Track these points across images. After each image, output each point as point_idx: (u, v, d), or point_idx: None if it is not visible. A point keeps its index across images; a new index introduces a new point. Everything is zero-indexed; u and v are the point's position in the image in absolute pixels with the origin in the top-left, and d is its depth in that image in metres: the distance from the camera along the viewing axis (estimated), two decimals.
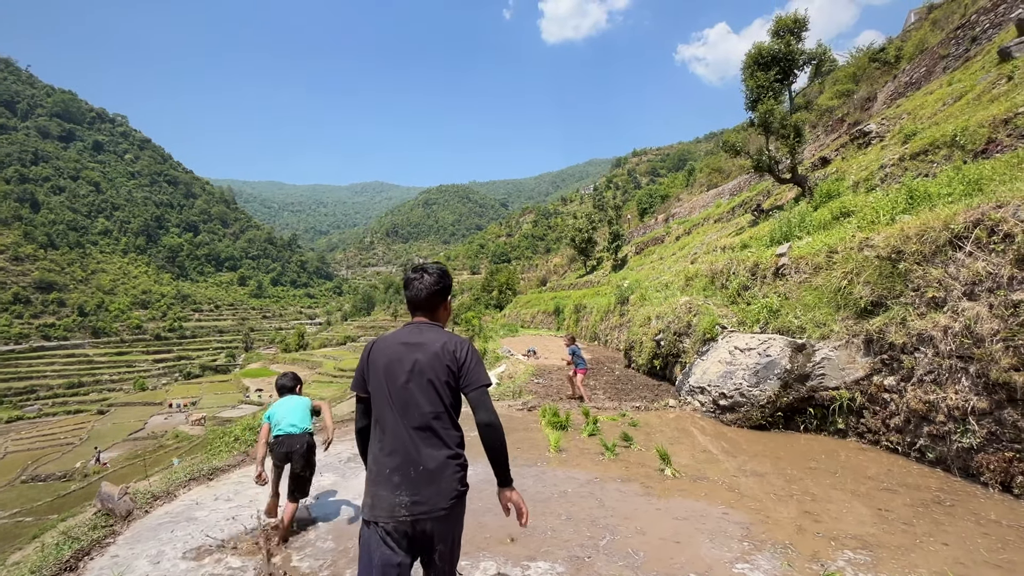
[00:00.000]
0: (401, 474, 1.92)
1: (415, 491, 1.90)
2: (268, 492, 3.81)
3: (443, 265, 2.28)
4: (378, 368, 2.06)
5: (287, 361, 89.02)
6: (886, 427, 5.37)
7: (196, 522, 3.79)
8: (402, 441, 1.96)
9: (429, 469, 1.93)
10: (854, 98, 31.64)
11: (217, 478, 4.76)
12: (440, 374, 2.00)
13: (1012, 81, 12.15)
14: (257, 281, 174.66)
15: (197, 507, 4.10)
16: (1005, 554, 3.12)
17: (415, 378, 2.00)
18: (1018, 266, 4.12)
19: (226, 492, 4.45)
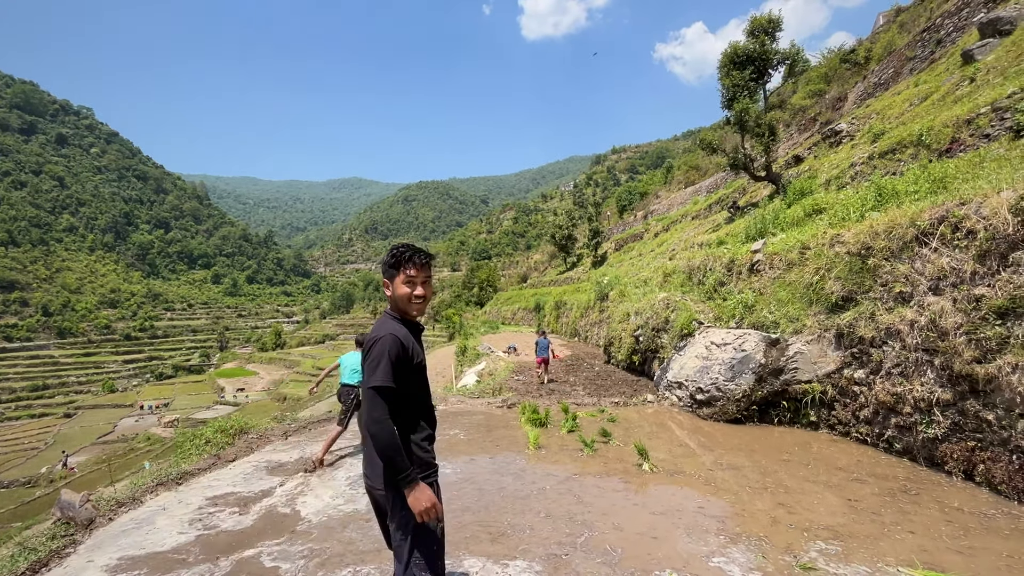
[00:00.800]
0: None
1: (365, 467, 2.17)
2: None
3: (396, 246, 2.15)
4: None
5: (264, 360, 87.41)
6: (856, 419, 5.51)
7: (158, 531, 3.66)
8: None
9: (368, 452, 2.14)
10: (826, 98, 32.41)
11: (186, 482, 4.61)
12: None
13: (974, 83, 12.56)
14: (232, 279, 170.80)
15: (163, 513, 3.96)
16: (966, 541, 3.22)
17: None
18: (980, 261, 4.25)
19: (195, 498, 4.32)
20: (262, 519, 3.88)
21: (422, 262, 2.11)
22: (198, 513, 3.99)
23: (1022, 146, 7.60)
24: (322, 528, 3.69)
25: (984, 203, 4.35)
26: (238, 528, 3.74)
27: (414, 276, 2.09)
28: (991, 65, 12.69)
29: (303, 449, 5.76)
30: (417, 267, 2.09)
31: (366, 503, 4.10)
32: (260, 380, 73.36)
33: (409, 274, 2.08)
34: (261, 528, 3.73)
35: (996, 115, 8.96)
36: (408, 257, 2.08)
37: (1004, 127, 8.60)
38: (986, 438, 4.06)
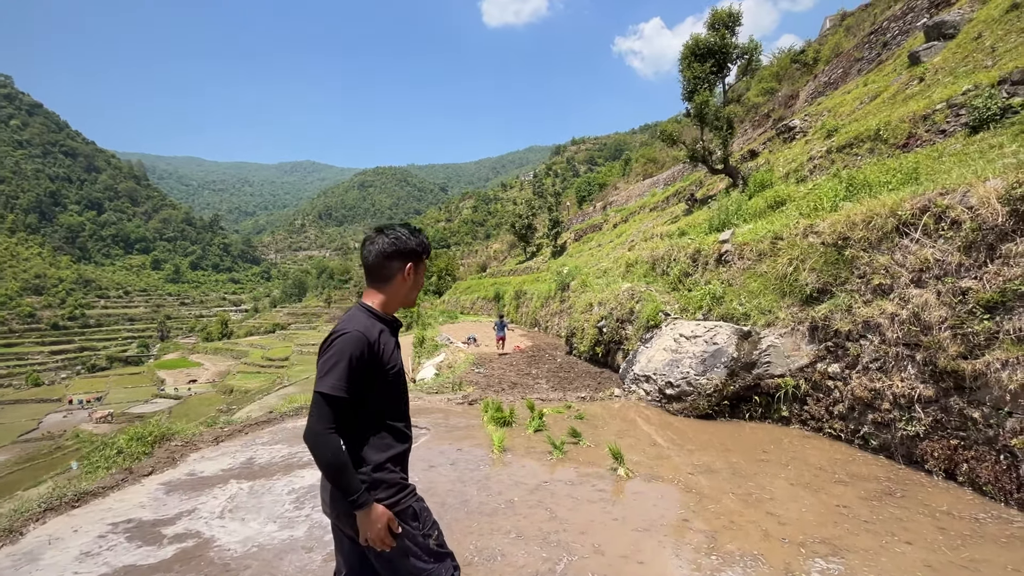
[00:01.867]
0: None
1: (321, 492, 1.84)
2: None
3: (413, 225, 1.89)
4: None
5: (209, 351, 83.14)
6: (829, 414, 5.36)
7: (42, 571, 2.96)
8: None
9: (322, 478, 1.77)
10: (778, 96, 33.35)
11: (85, 505, 3.85)
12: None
13: (924, 82, 12.92)
14: (174, 265, 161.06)
15: (51, 547, 3.24)
16: (966, 552, 3.01)
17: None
18: (966, 253, 4.09)
19: (94, 525, 3.60)
20: (177, 551, 3.23)
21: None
22: (96, 545, 3.30)
23: (978, 141, 7.70)
24: (252, 561, 3.10)
25: (970, 192, 4.18)
26: (147, 563, 3.09)
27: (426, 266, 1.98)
28: (939, 66, 13.08)
29: (236, 457, 5.07)
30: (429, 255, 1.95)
31: (307, 528, 3.52)
32: (205, 371, 69.58)
33: (425, 265, 1.94)
34: (175, 563, 3.09)
35: (952, 111, 9.12)
36: (428, 245, 1.92)
37: (960, 123, 8.76)
38: (970, 436, 3.92)
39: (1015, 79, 8.00)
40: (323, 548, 3.21)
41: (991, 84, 8.40)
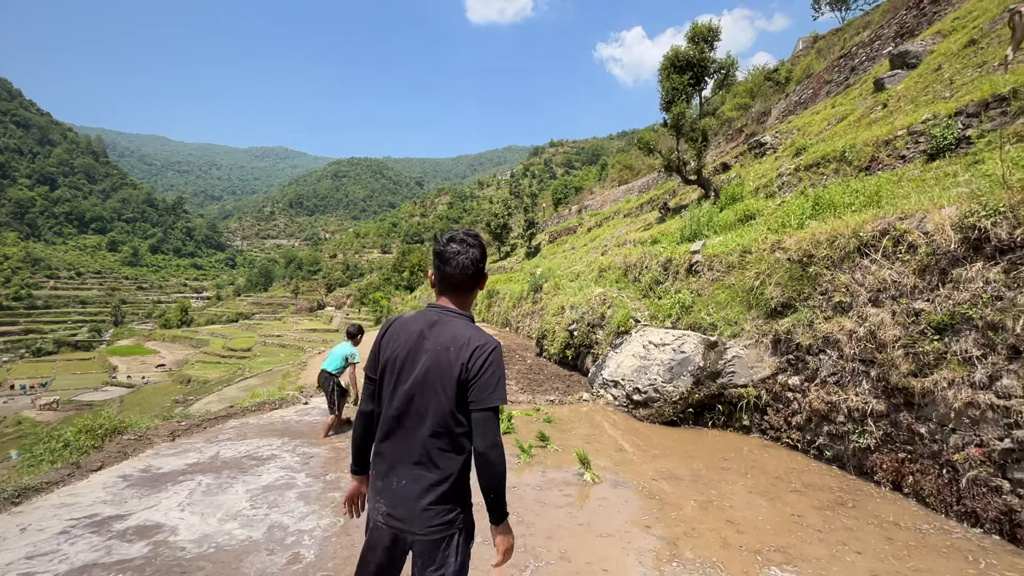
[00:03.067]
0: (383, 481, 1.71)
1: (392, 504, 1.68)
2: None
3: (479, 235, 1.84)
4: (389, 356, 1.75)
5: (167, 338, 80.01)
6: (788, 425, 5.56)
7: None
8: (394, 447, 1.71)
9: (410, 491, 1.65)
10: (751, 112, 34.38)
11: (27, 501, 3.65)
12: (448, 386, 1.64)
13: (887, 108, 13.52)
14: (132, 247, 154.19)
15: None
16: (911, 561, 3.17)
17: (420, 383, 1.67)
18: (920, 276, 4.31)
19: (36, 522, 3.41)
20: (133, 549, 3.10)
21: None
22: (35, 546, 3.12)
23: (935, 169, 8.11)
24: (208, 563, 2.99)
25: (927, 218, 4.40)
26: (101, 562, 2.94)
27: None
28: (901, 93, 13.72)
29: (194, 453, 4.90)
30: None
31: (267, 527, 3.43)
32: (161, 360, 66.90)
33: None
34: (130, 563, 2.96)
35: (912, 138, 9.58)
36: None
37: (919, 150, 9.20)
38: (917, 450, 4.13)
39: (970, 112, 8.46)
40: (284, 551, 3.13)
41: (948, 115, 8.85)
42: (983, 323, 3.70)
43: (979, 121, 8.31)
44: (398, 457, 1.69)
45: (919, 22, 19.88)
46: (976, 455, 3.61)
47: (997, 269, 3.71)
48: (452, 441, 1.66)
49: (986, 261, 3.81)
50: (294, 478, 4.34)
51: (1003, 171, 3.97)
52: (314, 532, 3.38)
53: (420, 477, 1.65)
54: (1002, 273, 3.67)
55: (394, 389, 1.72)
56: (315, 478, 4.35)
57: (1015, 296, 3.54)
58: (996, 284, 3.67)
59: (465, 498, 1.73)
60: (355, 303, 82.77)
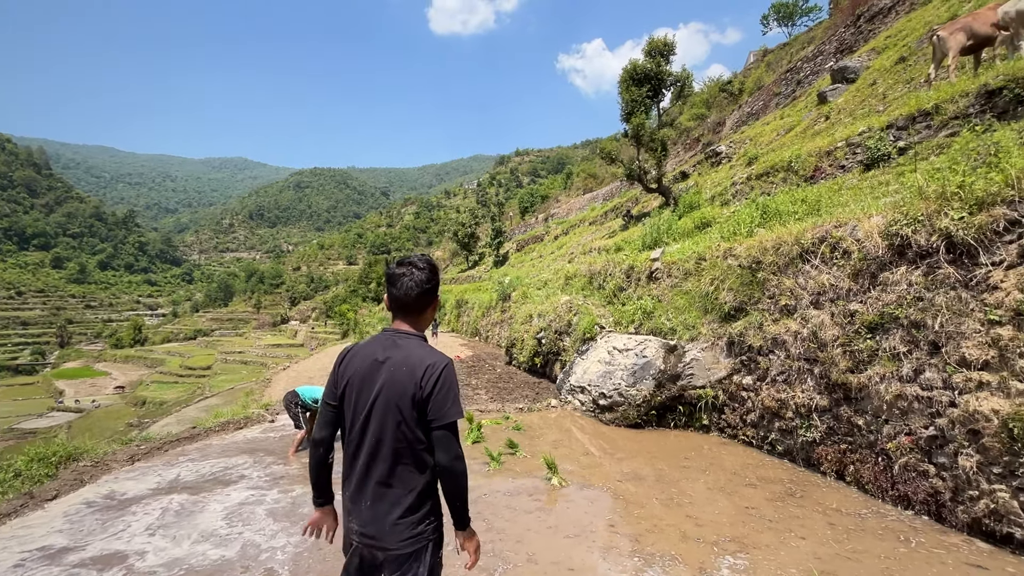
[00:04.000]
0: (353, 503, 1.78)
1: (363, 524, 1.76)
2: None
3: (431, 259, 1.95)
4: (348, 382, 1.83)
5: (119, 358, 76.06)
6: (743, 422, 5.87)
7: None
8: (359, 469, 1.77)
9: (379, 510, 1.74)
10: (707, 121, 35.79)
11: None
12: (404, 405, 1.73)
13: (829, 120, 14.39)
14: (79, 263, 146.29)
15: None
16: (850, 544, 3.45)
17: (379, 406, 1.75)
18: (855, 279, 4.67)
19: None
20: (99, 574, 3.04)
21: None
22: None
23: (871, 178, 8.72)
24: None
25: (859, 226, 4.79)
26: None
27: None
28: (841, 106, 14.63)
29: (157, 476, 4.79)
30: None
31: (240, 547, 3.42)
32: (112, 381, 63.53)
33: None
34: None
35: (850, 149, 10.26)
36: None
37: (856, 160, 9.87)
38: (856, 441, 4.46)
39: (900, 125, 9.15)
40: (259, 567, 3.14)
41: (881, 128, 9.54)
42: (908, 322, 4.07)
43: (908, 134, 8.99)
44: (364, 478, 1.76)
45: (856, 39, 21.24)
46: (906, 443, 3.95)
47: (918, 272, 4.08)
48: (414, 458, 1.74)
49: (909, 265, 4.18)
50: (264, 496, 4.31)
51: (920, 183, 4.37)
52: (286, 548, 3.39)
53: (385, 495, 1.73)
54: (922, 276, 4.04)
55: (354, 413, 1.80)
56: (285, 494, 4.34)
57: (933, 296, 3.91)
58: (917, 286, 4.04)
59: (435, 508, 1.82)
60: (320, 316, 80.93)
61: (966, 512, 3.54)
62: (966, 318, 3.66)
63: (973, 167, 4.19)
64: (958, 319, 3.71)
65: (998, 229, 3.62)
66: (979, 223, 3.69)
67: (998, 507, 3.35)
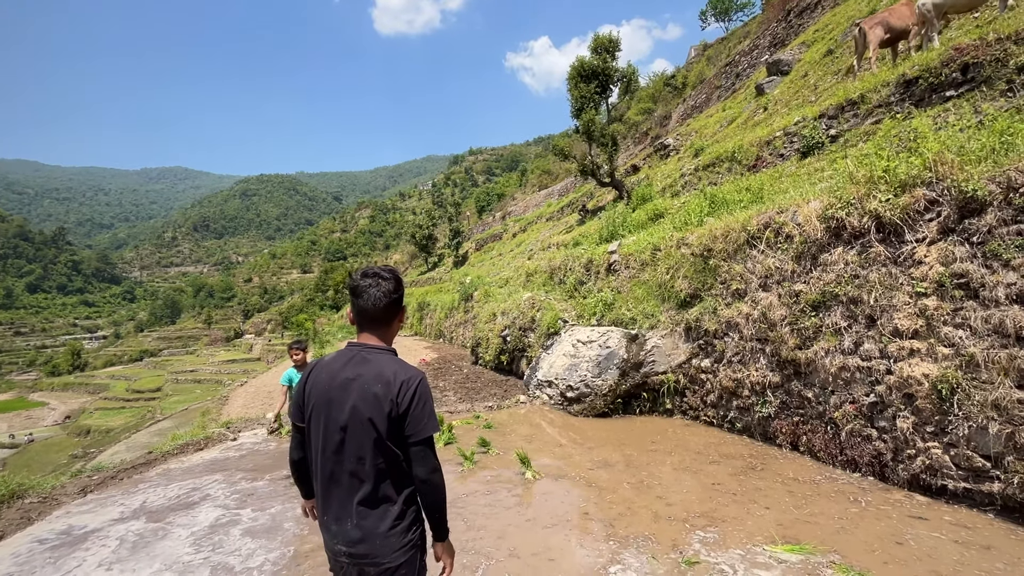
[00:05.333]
0: (337, 525, 1.74)
1: (351, 544, 1.71)
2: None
3: (395, 269, 1.92)
4: (315, 403, 1.78)
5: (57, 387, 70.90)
6: (704, 404, 6.14)
7: None
8: (337, 491, 1.74)
9: (367, 526, 1.71)
10: (654, 115, 36.82)
11: None
12: (379, 422, 1.69)
13: (767, 111, 15.13)
14: (4, 288, 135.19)
15: None
16: (808, 509, 3.69)
17: (353, 426, 1.70)
18: (797, 262, 4.98)
19: None
20: None
21: None
22: None
23: (807, 165, 9.25)
24: None
25: (798, 211, 5.10)
26: None
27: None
28: (778, 98, 15.41)
29: (120, 505, 4.55)
30: None
31: (208, 571, 3.31)
32: (51, 412, 59.19)
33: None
34: None
35: (787, 138, 10.84)
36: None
37: (793, 148, 10.44)
38: (807, 413, 4.76)
39: (830, 115, 9.74)
40: None
41: (814, 117, 10.13)
42: (846, 299, 4.38)
43: (838, 122, 9.59)
44: (343, 499, 1.73)
45: (788, 33, 22.36)
46: (850, 411, 4.26)
47: (853, 252, 4.40)
48: (392, 472, 1.73)
49: (844, 246, 4.50)
50: (237, 515, 4.18)
51: (851, 168, 4.71)
52: (263, 567, 3.32)
53: (371, 512, 1.71)
54: (857, 255, 4.36)
55: (325, 434, 1.74)
56: (261, 511, 4.22)
57: (868, 274, 4.22)
58: (853, 265, 4.35)
59: (419, 515, 1.82)
60: (277, 328, 78.18)
61: (906, 470, 3.86)
62: (896, 292, 3.98)
63: (896, 152, 4.54)
64: (890, 293, 4.03)
65: (920, 209, 3.95)
66: (903, 204, 4.02)
67: (932, 463, 3.67)
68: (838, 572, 2.85)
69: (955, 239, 3.70)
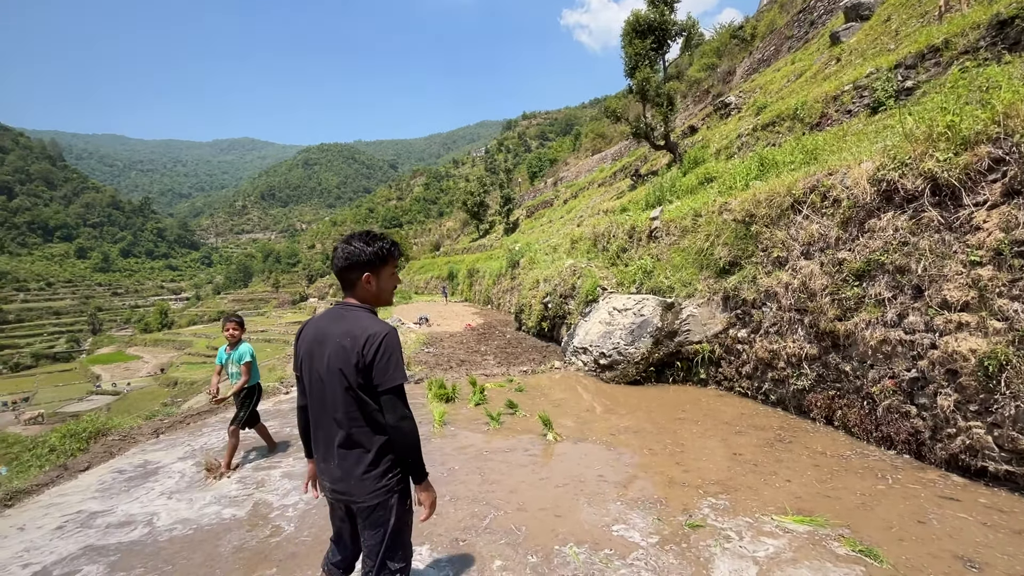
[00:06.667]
0: (323, 463, 1.98)
1: (334, 481, 1.94)
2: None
3: (378, 232, 2.04)
4: (303, 353, 2.01)
5: (148, 342, 78.79)
6: (739, 374, 5.98)
7: None
8: (322, 433, 1.97)
9: (345, 467, 1.92)
10: (717, 71, 34.42)
11: (19, 503, 3.87)
12: (348, 372, 1.85)
13: (840, 62, 13.82)
14: (102, 253, 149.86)
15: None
16: (831, 483, 3.59)
17: (328, 376, 1.89)
18: (843, 228, 4.65)
19: (30, 522, 3.64)
20: (115, 535, 3.36)
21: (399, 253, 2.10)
22: (31, 542, 3.36)
23: (877, 122, 8.46)
24: (188, 542, 3.27)
25: (848, 173, 4.73)
26: (83, 551, 3.20)
27: (395, 269, 2.07)
28: (854, 47, 14.00)
29: (185, 446, 5.13)
30: (396, 259, 2.05)
31: (252, 505, 3.71)
32: (144, 365, 66.08)
33: (393, 269, 2.05)
34: (112, 548, 3.22)
35: (857, 92, 9.90)
36: (390, 250, 2.01)
37: (863, 104, 9.54)
38: (844, 387, 4.55)
39: (908, 64, 8.78)
40: (266, 525, 3.42)
41: (889, 68, 9.17)
42: (893, 267, 4.07)
43: (916, 72, 8.65)
44: (327, 441, 1.94)
45: None
46: (889, 386, 4.03)
47: (904, 217, 4.05)
48: (366, 419, 1.89)
49: (896, 210, 4.15)
50: (280, 460, 4.61)
51: (910, 125, 4.28)
52: (297, 505, 3.67)
53: (348, 454, 1.89)
54: (908, 221, 4.01)
55: (310, 382, 1.96)
56: (299, 459, 4.62)
57: (918, 241, 3.89)
58: (903, 231, 4.02)
59: (397, 462, 1.95)
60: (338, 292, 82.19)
61: (944, 449, 3.64)
62: (948, 260, 3.66)
63: (963, 105, 4.07)
64: (941, 262, 3.71)
65: (982, 169, 3.56)
66: (963, 163, 3.64)
67: (973, 443, 3.44)
68: (844, 545, 2.79)
69: (1020, 202, 3.33)
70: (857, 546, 2.76)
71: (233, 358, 4.59)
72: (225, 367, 4.64)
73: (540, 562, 2.84)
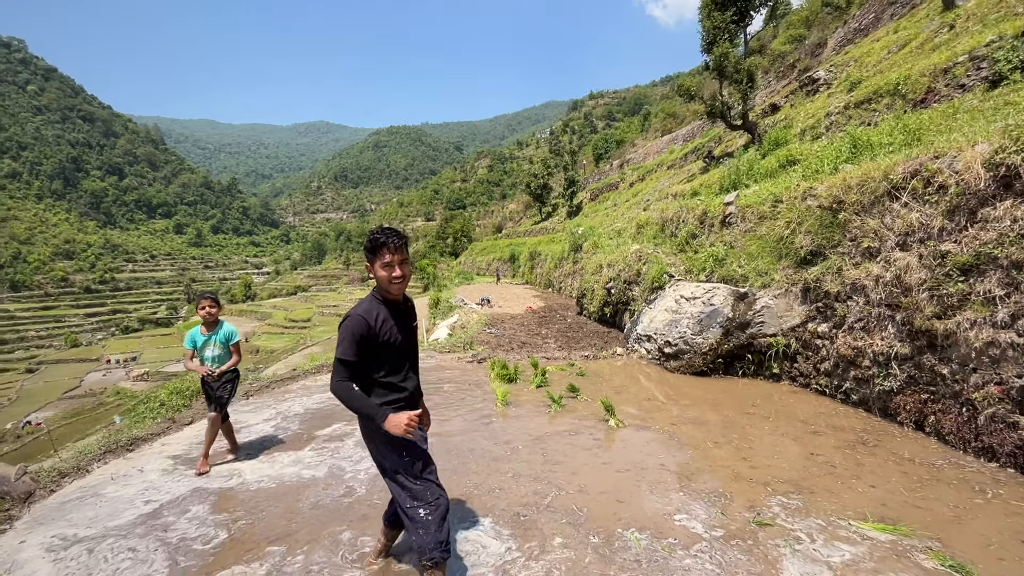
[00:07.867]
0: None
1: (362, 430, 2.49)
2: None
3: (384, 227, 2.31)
4: None
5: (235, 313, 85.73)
6: (816, 371, 5.64)
7: (106, 502, 3.51)
8: None
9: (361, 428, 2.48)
10: (805, 44, 31.74)
11: (138, 449, 4.42)
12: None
13: (954, 30, 12.34)
14: (196, 229, 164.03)
15: (112, 483, 3.80)
16: (921, 492, 3.34)
17: None
18: (949, 217, 4.22)
19: (148, 464, 4.16)
20: (211, 483, 3.76)
21: (397, 245, 2.24)
22: (150, 482, 3.84)
23: (995, 97, 7.52)
24: (274, 494, 3.60)
25: (958, 157, 4.26)
26: (189, 493, 3.62)
27: (390, 260, 2.24)
28: (972, 11, 12.44)
29: (266, 409, 5.62)
30: (392, 251, 2.23)
31: (327, 469, 4.01)
32: None
33: (385, 260, 2.24)
34: (211, 492, 3.61)
35: (973, 64, 8.83)
36: (382, 243, 2.23)
37: (980, 77, 8.50)
38: (939, 391, 4.18)
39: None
40: (340, 485, 3.70)
41: (1015, 35, 8.08)
42: (1008, 262, 3.66)
43: None
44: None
45: None
46: (995, 393, 3.66)
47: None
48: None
49: (1015, 199, 3.71)
50: (353, 428, 4.94)
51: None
52: (370, 470, 3.93)
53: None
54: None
55: None
56: None
57: None
58: (1022, 222, 3.60)
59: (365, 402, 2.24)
60: None
61: None
62: None
63: None
64: None
65: None
66: None
67: None
68: (932, 558, 2.60)
69: None
70: (947, 561, 2.57)
71: (218, 339, 4.16)
72: (199, 351, 4.11)
73: (601, 543, 2.88)
